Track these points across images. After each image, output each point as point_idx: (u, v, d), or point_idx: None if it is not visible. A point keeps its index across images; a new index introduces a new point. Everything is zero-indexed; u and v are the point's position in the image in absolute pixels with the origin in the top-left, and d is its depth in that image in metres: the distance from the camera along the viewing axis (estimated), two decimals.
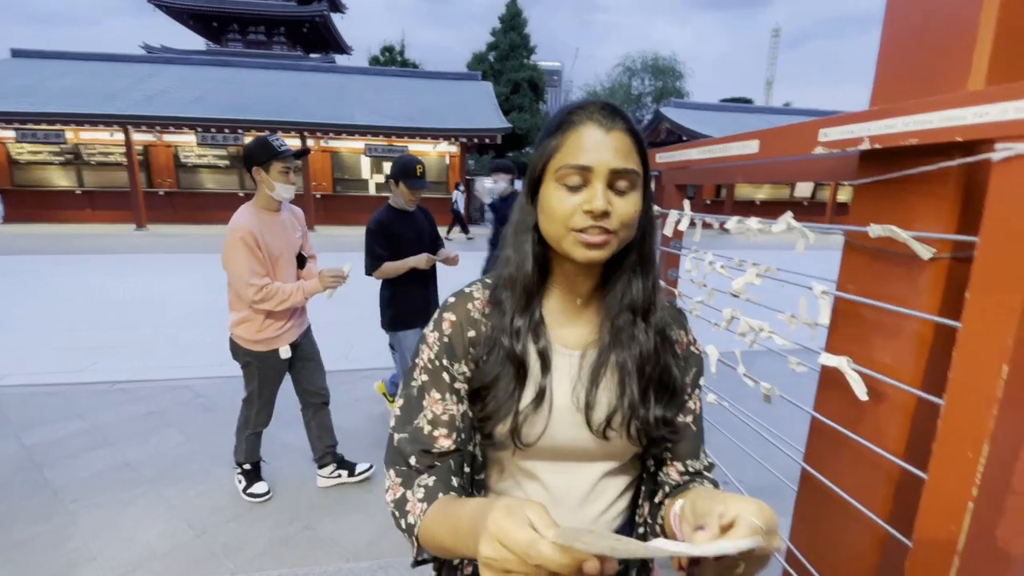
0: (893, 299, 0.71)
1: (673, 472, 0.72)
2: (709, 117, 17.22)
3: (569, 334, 0.71)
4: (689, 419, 0.73)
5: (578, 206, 0.59)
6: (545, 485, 0.71)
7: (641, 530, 0.73)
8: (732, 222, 1.08)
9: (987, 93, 0.53)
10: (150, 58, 16.38)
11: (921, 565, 0.60)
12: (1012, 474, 0.57)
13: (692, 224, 1.42)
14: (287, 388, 2.37)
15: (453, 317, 0.70)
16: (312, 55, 27.81)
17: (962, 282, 0.58)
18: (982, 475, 0.53)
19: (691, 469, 0.72)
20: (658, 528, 0.69)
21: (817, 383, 0.87)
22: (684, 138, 15.02)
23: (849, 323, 0.81)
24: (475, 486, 0.72)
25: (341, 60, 26.27)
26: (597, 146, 0.59)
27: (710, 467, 0.74)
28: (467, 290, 0.74)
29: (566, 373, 0.69)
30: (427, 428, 0.67)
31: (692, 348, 0.76)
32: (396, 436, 0.68)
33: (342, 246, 11.02)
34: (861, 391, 0.73)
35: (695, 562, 0.46)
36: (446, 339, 0.69)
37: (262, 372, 2.21)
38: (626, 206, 0.60)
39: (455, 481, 0.66)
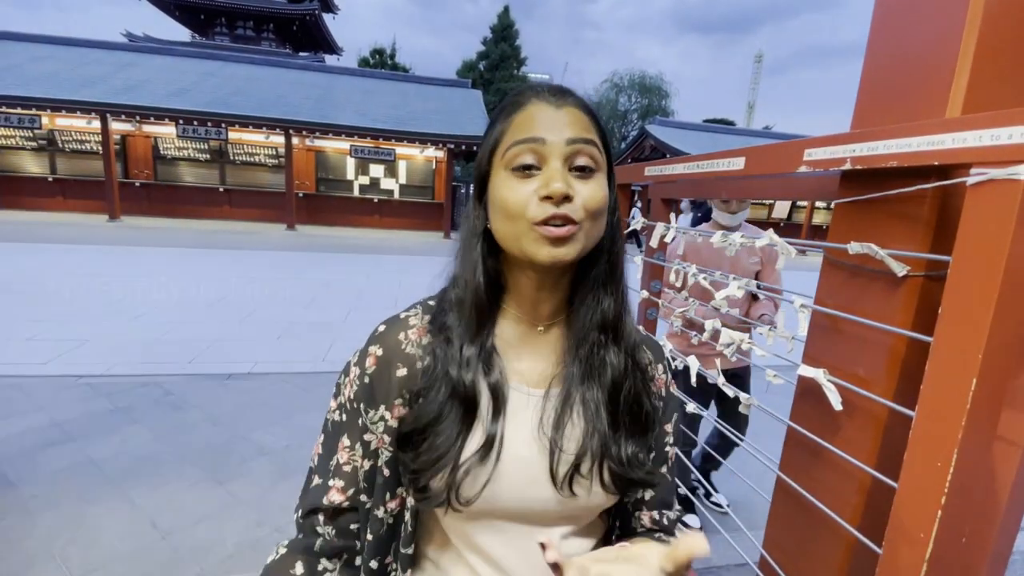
0: (869, 314, 0.74)
1: (645, 519, 0.65)
2: (692, 136, 17.61)
3: (528, 368, 0.59)
4: (664, 469, 0.66)
5: (534, 193, 0.50)
6: (493, 558, 0.57)
7: None
8: (717, 236, 1.11)
9: (965, 120, 0.56)
10: (133, 47, 16.05)
11: (891, 571, 0.62)
12: (979, 484, 0.59)
13: (673, 238, 1.45)
14: (259, 388, 2.32)
15: (380, 351, 0.58)
16: (301, 54, 27.60)
17: (934, 299, 0.61)
18: (951, 484, 0.56)
19: (665, 520, 0.66)
20: None
21: (794, 395, 0.89)
22: (667, 155, 15.31)
23: (826, 336, 0.83)
24: (401, 561, 0.60)
25: (331, 60, 26.12)
26: (549, 121, 0.51)
27: (678, 518, 0.68)
28: (402, 315, 0.61)
29: (526, 418, 0.57)
30: (321, 478, 0.61)
31: (672, 389, 0.67)
32: (314, 479, 0.61)
33: (324, 246, 10.91)
34: (836, 402, 0.75)
35: None
36: (367, 379, 0.57)
37: None
38: (591, 190, 0.51)
39: (359, 562, 0.59)
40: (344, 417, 0.59)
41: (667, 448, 0.66)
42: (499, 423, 0.55)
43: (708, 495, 2.34)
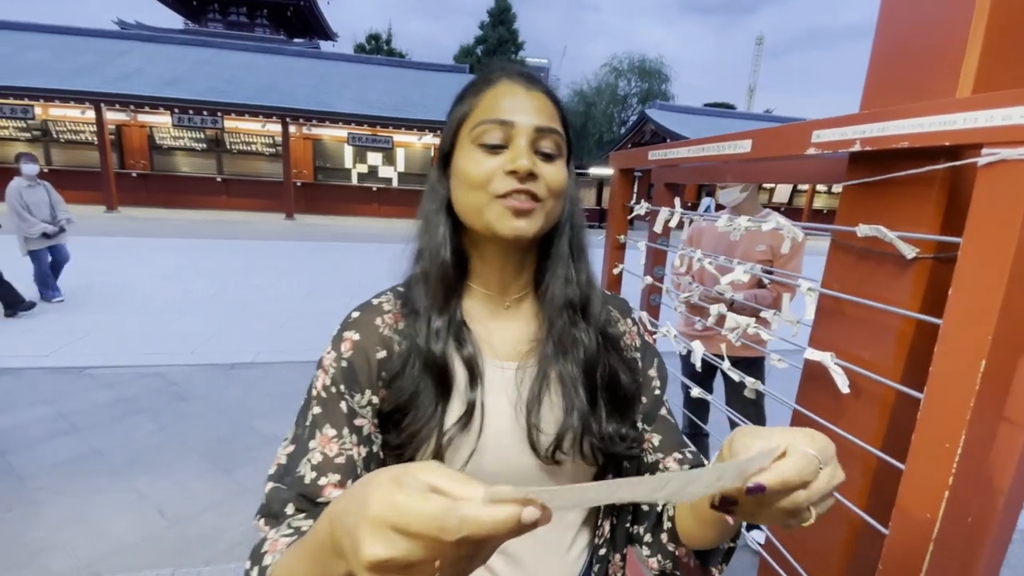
0: (877, 297, 0.73)
1: (671, 463, 0.63)
2: (693, 120, 17.45)
3: (500, 343, 0.60)
4: (663, 411, 0.67)
5: (499, 167, 0.52)
6: None
7: (603, 551, 0.63)
8: (723, 220, 1.10)
9: (977, 100, 0.55)
10: (126, 34, 15.82)
11: (897, 551, 0.62)
12: (985, 463, 0.60)
13: (680, 224, 1.44)
14: (269, 379, 2.33)
15: (356, 336, 0.58)
16: (296, 40, 27.20)
17: (944, 281, 0.60)
18: (958, 465, 0.56)
19: (689, 455, 0.64)
20: (667, 524, 0.58)
21: (800, 378, 0.90)
22: (667, 140, 15.17)
23: (833, 320, 0.83)
24: None
25: (326, 47, 25.76)
26: (519, 103, 0.53)
27: (697, 455, 0.66)
28: (375, 301, 0.61)
29: (501, 390, 0.58)
30: (310, 476, 0.51)
31: (645, 337, 0.69)
32: (268, 486, 0.53)
33: (323, 235, 10.87)
34: (843, 385, 0.75)
35: (731, 502, 0.37)
36: (345, 363, 0.56)
37: None
38: (555, 173, 0.54)
39: None
40: (320, 409, 0.55)
41: (656, 391, 0.67)
42: (477, 393, 0.56)
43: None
